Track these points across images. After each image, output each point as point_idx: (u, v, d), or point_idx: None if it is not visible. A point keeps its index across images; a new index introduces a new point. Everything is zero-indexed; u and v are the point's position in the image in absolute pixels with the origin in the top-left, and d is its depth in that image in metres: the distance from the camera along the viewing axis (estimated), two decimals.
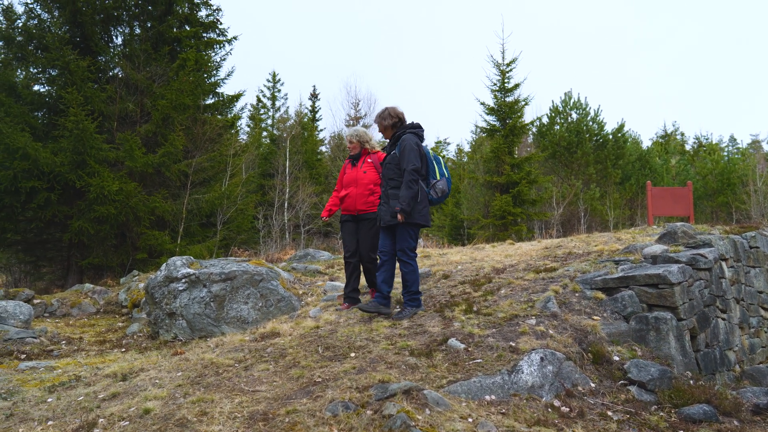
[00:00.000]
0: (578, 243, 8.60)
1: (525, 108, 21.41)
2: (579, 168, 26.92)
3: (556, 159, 27.16)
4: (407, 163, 5.30)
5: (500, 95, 21.18)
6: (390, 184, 5.45)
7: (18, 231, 12.72)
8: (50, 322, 8.10)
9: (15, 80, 12.46)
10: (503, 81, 21.11)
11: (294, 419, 3.53)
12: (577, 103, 28.47)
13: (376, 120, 5.70)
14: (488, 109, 21.34)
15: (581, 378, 4.42)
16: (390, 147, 5.60)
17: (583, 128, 27.70)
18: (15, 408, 4.25)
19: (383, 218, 5.44)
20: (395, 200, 5.33)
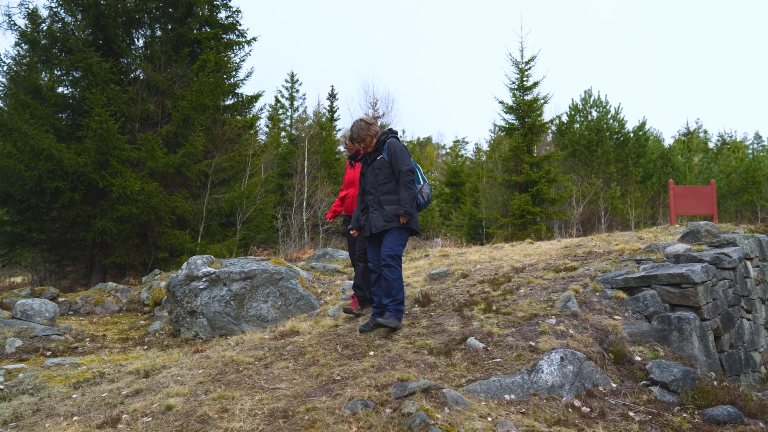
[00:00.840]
0: (599, 242, 8.51)
1: (544, 106, 21.28)
2: (599, 166, 26.62)
3: (575, 157, 26.90)
4: (402, 163, 5.13)
5: (519, 94, 21.04)
6: (381, 189, 5.19)
7: (43, 230, 12.98)
8: (74, 320, 8.25)
9: (40, 83, 12.71)
10: (522, 79, 20.96)
11: (314, 417, 3.55)
12: (597, 101, 28.16)
13: (359, 134, 5.29)
14: (507, 107, 21.21)
15: (602, 378, 4.37)
16: (372, 153, 5.35)
17: (603, 126, 27.39)
18: (42, 403, 4.34)
19: (375, 225, 5.14)
20: (390, 205, 5.11)
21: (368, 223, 5.26)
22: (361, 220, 5.43)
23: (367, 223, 5.28)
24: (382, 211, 5.13)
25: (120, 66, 13.47)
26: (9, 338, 6.42)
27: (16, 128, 11.16)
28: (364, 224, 5.36)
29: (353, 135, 5.30)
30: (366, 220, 5.32)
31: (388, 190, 5.18)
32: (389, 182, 5.18)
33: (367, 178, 5.32)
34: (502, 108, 21.31)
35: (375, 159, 5.29)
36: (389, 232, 5.13)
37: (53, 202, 11.93)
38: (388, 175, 5.19)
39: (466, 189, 33.43)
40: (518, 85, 21.02)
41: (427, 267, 8.45)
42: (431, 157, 50.83)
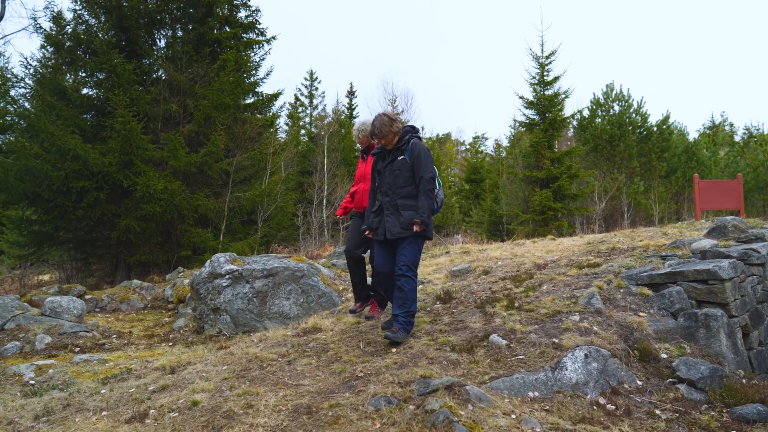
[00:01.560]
0: (622, 238, 8.40)
1: (565, 101, 21.03)
2: (622, 161, 26.26)
3: (597, 152, 26.57)
4: (425, 170, 4.84)
5: (539, 88, 20.84)
6: (399, 192, 4.90)
7: (70, 229, 13.23)
8: (101, 317, 8.40)
9: (65, 84, 12.95)
10: (542, 74, 20.76)
11: (337, 413, 3.57)
12: (619, 95, 27.76)
13: (382, 130, 4.95)
14: (527, 102, 21.03)
15: (627, 375, 4.32)
16: (392, 152, 5.02)
17: (625, 120, 27.00)
18: (71, 398, 4.44)
19: (391, 230, 4.86)
20: (407, 210, 4.84)
21: (382, 227, 4.97)
22: (374, 222, 5.08)
23: (381, 227, 4.98)
24: (399, 216, 4.86)
25: (143, 67, 13.66)
26: (39, 335, 6.56)
27: (43, 129, 11.39)
28: (377, 227, 5.04)
29: (375, 130, 4.97)
30: (379, 223, 5.01)
31: (406, 194, 4.90)
32: (408, 186, 4.90)
33: (384, 178, 5.00)
34: (523, 103, 21.15)
35: (395, 159, 4.96)
36: (406, 240, 4.86)
37: (79, 201, 12.16)
38: (408, 179, 4.90)
39: (486, 185, 33.24)
40: (538, 80, 20.82)
41: (448, 264, 8.43)
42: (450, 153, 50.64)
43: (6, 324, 6.90)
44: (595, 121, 27.73)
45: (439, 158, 41.96)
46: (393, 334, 4.77)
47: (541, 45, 20.79)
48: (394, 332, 4.78)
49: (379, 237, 5.00)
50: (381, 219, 4.99)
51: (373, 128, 5.01)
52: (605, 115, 27.75)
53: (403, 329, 4.83)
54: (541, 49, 20.79)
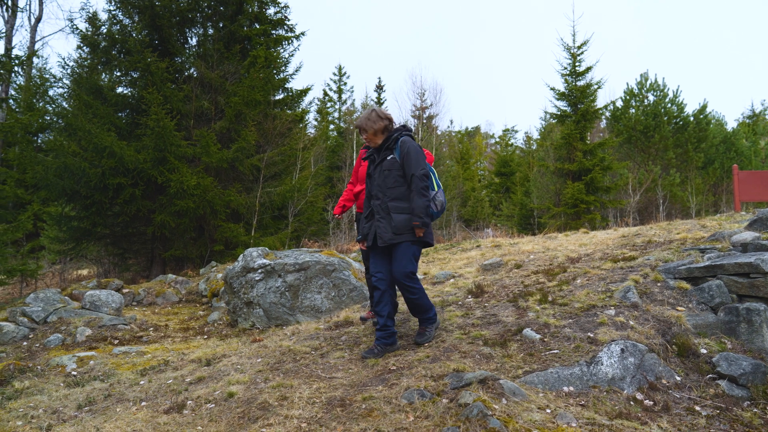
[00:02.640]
0: (658, 231, 8.21)
1: (597, 92, 20.64)
2: (657, 153, 25.65)
3: (631, 144, 26.01)
4: (416, 167, 4.47)
5: (571, 79, 20.48)
6: (390, 194, 4.53)
7: (107, 225, 13.58)
8: (138, 310, 8.60)
9: (100, 83, 13.26)
10: (574, 65, 20.39)
11: (371, 405, 3.59)
12: (654, 84, 27.09)
13: (363, 124, 4.64)
14: (558, 94, 20.69)
15: (665, 371, 4.23)
16: (381, 152, 4.68)
17: (660, 111, 26.34)
18: (112, 389, 4.56)
19: (382, 236, 4.49)
20: (399, 214, 4.48)
21: (372, 233, 4.60)
22: (365, 228, 4.69)
23: (371, 232, 4.61)
24: (390, 220, 4.49)
25: (175, 65, 13.89)
26: (80, 327, 6.76)
27: (80, 128, 11.69)
28: (367, 233, 4.66)
29: (357, 122, 4.68)
30: (370, 229, 4.63)
31: (397, 196, 4.53)
32: (399, 186, 4.54)
33: (374, 180, 4.64)
34: (554, 95, 20.81)
35: (384, 159, 4.61)
36: (399, 246, 4.48)
37: (115, 197, 12.46)
38: (398, 178, 4.54)
39: (516, 178, 32.89)
40: (570, 71, 20.46)
41: (479, 258, 8.37)
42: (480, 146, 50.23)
43: (49, 317, 7.13)
44: (629, 112, 27.14)
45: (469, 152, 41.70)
46: (420, 337, 4.66)
47: (573, 35, 20.41)
48: (421, 334, 4.68)
49: (369, 243, 4.61)
50: (372, 224, 4.61)
51: (357, 121, 4.73)
52: (639, 106, 27.13)
53: (428, 324, 4.74)
54: (573, 39, 20.43)
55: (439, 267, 8.33)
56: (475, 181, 38.54)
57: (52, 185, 11.96)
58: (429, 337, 4.68)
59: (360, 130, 4.67)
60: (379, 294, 4.61)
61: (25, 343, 6.46)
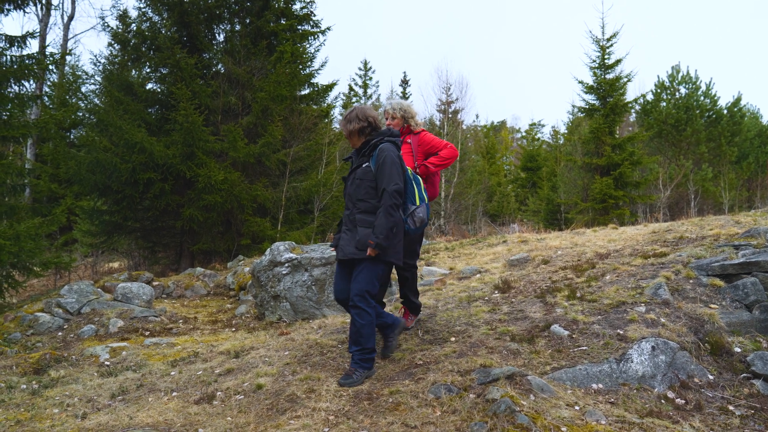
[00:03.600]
0: (690, 227, 8.04)
1: (627, 85, 20.23)
2: (688, 147, 25.08)
3: (662, 138, 25.47)
4: (388, 181, 4.01)
5: (600, 72, 20.11)
6: (359, 206, 4.12)
7: (137, 219, 13.85)
8: (168, 303, 8.76)
9: (131, 80, 13.50)
10: (603, 57, 20.02)
11: (397, 399, 3.60)
12: (685, 77, 26.47)
13: (341, 123, 4.32)
14: (587, 87, 20.35)
15: (697, 369, 4.15)
16: (358, 157, 4.26)
17: (692, 104, 25.74)
18: (144, 379, 4.66)
19: (344, 249, 4.13)
20: (365, 228, 4.05)
21: (338, 245, 4.24)
22: (335, 239, 4.33)
23: (339, 245, 4.22)
24: (355, 233, 4.10)
25: (203, 61, 14.06)
26: (112, 319, 6.92)
27: (111, 123, 11.92)
28: (336, 245, 4.29)
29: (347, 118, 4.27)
30: (338, 240, 4.26)
31: (367, 209, 4.10)
32: (370, 199, 4.10)
33: (346, 188, 4.26)
34: (582, 88, 20.47)
35: (359, 166, 4.17)
36: (361, 264, 4.08)
37: (146, 192, 12.69)
38: (370, 190, 4.10)
39: (542, 173, 32.51)
40: (599, 64, 20.09)
41: (506, 253, 8.31)
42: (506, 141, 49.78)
43: (82, 308, 7.31)
44: (660, 105, 26.58)
45: (494, 146, 41.36)
46: (345, 379, 3.98)
47: (602, 27, 20.04)
48: (348, 375, 4.00)
49: (337, 255, 4.27)
50: (340, 236, 4.26)
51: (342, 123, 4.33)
52: (670, 99, 26.56)
53: (360, 367, 4.06)
54: (602, 32, 20.05)
55: (465, 262, 8.29)
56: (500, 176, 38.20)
57: (84, 180, 12.24)
58: (355, 381, 3.96)
59: (349, 131, 4.25)
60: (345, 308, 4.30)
61: (60, 334, 6.64)
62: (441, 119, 27.61)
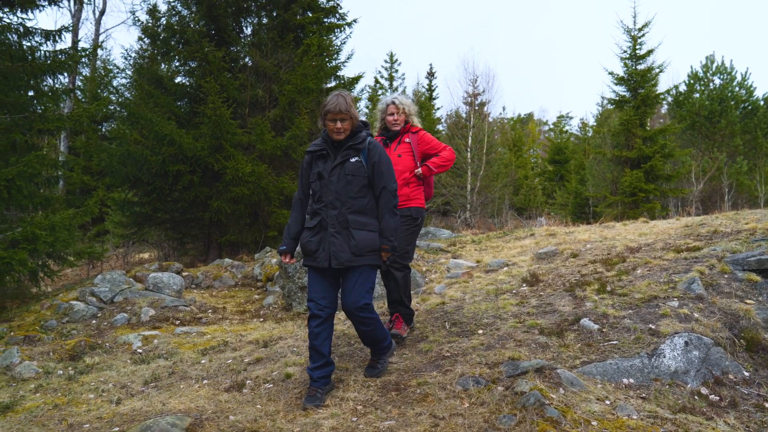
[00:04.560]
0: (725, 221, 7.84)
1: (659, 76, 19.75)
2: (722, 139, 24.44)
3: (695, 130, 24.87)
4: (388, 179, 3.81)
5: (631, 63, 19.71)
6: (352, 205, 3.74)
7: (167, 210, 14.08)
8: (197, 293, 8.91)
9: (161, 73, 13.69)
10: (634, 48, 19.60)
11: (425, 391, 3.61)
12: (720, 67, 25.76)
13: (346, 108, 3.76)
14: (617, 78, 19.96)
15: (732, 366, 4.06)
16: (341, 150, 3.82)
17: (727, 95, 25.05)
18: (175, 367, 4.75)
19: (338, 256, 3.68)
20: (360, 230, 3.72)
21: (324, 251, 3.73)
22: (311, 243, 3.77)
23: (323, 250, 3.73)
24: (350, 238, 3.70)
25: (231, 54, 14.18)
26: (144, 308, 7.06)
27: (142, 116, 12.12)
28: (316, 249, 3.76)
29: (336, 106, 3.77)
30: (320, 244, 3.75)
31: (360, 209, 3.76)
32: (363, 197, 3.78)
33: (330, 185, 3.75)
34: (612, 79, 20.09)
35: (347, 160, 3.79)
36: (356, 270, 3.73)
37: (175, 184, 12.88)
38: (363, 189, 3.78)
39: (570, 166, 32.06)
40: (630, 54, 19.69)
41: (534, 246, 8.23)
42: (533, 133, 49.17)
43: (115, 297, 7.47)
44: (693, 97, 25.93)
45: (521, 139, 40.90)
46: (371, 371, 3.98)
47: (634, 16, 19.72)
48: (373, 366, 4.01)
49: (321, 263, 3.73)
50: (322, 239, 3.75)
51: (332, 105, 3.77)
52: (704, 90, 25.89)
53: (382, 354, 4.04)
54: (634, 21, 19.66)
55: (492, 255, 8.24)
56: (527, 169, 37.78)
57: (116, 172, 12.49)
58: (381, 369, 4.01)
59: (336, 115, 3.74)
60: (318, 323, 3.76)
61: (93, 322, 6.81)
62: (467, 112, 27.40)
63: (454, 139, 26.35)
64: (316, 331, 3.74)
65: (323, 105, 3.80)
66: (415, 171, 4.74)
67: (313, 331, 3.74)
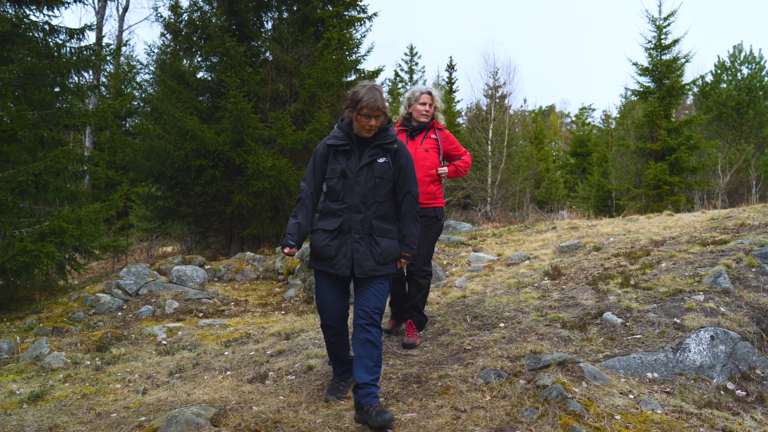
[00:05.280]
0: (752, 213, 7.68)
1: (685, 66, 19.37)
2: (750, 130, 23.88)
3: (721, 121, 24.34)
4: (413, 183, 3.54)
5: (655, 53, 19.34)
6: (376, 210, 3.43)
7: (189, 204, 14.25)
8: (219, 286, 9.02)
9: (183, 69, 13.83)
10: (659, 37, 19.22)
11: (446, 383, 3.61)
12: (748, 56, 25.14)
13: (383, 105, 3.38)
14: (641, 69, 19.60)
15: (760, 361, 3.99)
16: (367, 148, 3.46)
17: (755, 85, 24.44)
18: (199, 358, 4.82)
19: (363, 265, 3.37)
20: (384, 237, 3.43)
21: (346, 258, 3.39)
22: (329, 248, 3.41)
23: (344, 257, 3.39)
24: (375, 245, 3.40)
25: (252, 49, 14.26)
26: (168, 300, 7.18)
27: (165, 112, 12.27)
28: (335, 255, 3.40)
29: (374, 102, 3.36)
30: (338, 250, 3.40)
31: (383, 214, 3.46)
32: (388, 201, 3.47)
33: (357, 184, 3.40)
34: (636, 70, 19.73)
35: (374, 160, 3.45)
36: (377, 279, 3.42)
37: (197, 178, 13.03)
38: (389, 193, 3.48)
39: (593, 159, 31.62)
40: (655, 44, 19.31)
41: (555, 239, 8.16)
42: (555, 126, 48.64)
43: (140, 289, 7.61)
44: (720, 87, 25.37)
45: (543, 131, 40.48)
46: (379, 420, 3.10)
47: (659, 5, 19.22)
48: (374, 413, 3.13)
49: (341, 271, 3.40)
50: (342, 243, 3.40)
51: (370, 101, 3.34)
52: (732, 80, 25.31)
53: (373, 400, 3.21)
54: (659, 10, 19.24)
55: (513, 248, 8.18)
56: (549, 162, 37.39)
57: (139, 167, 12.67)
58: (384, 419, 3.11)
59: (373, 111, 3.35)
60: (333, 333, 3.58)
61: (119, 313, 6.94)
62: (488, 104, 27.20)
63: (474, 132, 26.18)
64: (333, 341, 3.62)
65: (356, 97, 3.36)
66: (439, 169, 4.55)
67: (330, 340, 3.62)
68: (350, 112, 3.45)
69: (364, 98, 3.32)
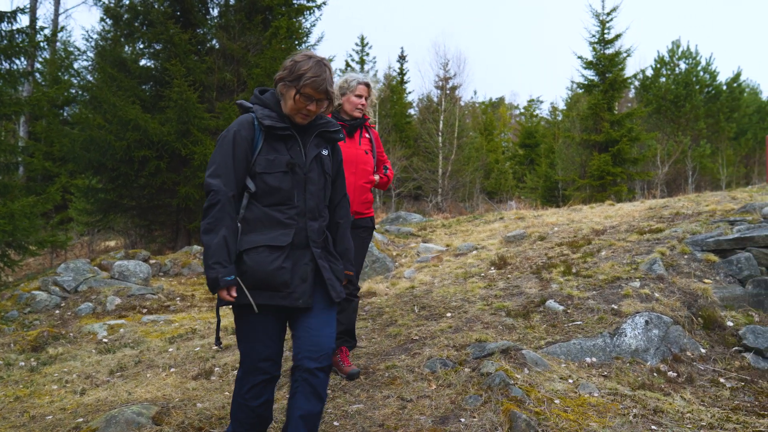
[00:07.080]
0: (687, 203, 8.05)
1: (627, 60, 20.07)
2: (687, 123, 25.01)
3: (661, 114, 25.39)
4: (345, 187, 2.79)
5: (599, 47, 19.95)
6: (325, 215, 2.62)
7: (133, 197, 13.79)
8: (165, 281, 8.78)
9: (124, 56, 13.32)
10: (603, 32, 19.83)
11: (393, 374, 3.64)
12: (686, 52, 26.28)
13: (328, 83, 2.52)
14: (586, 62, 20.20)
15: (690, 343, 4.19)
16: (311, 136, 2.58)
17: (692, 79, 25.60)
18: (142, 356, 4.69)
19: (336, 287, 2.53)
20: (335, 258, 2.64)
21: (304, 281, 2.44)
22: (283, 271, 2.38)
23: (303, 281, 2.44)
24: (335, 262, 2.61)
25: (197, 36, 13.86)
26: (109, 296, 6.94)
27: (105, 100, 11.79)
28: (289, 280, 2.39)
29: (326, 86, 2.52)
30: (293, 273, 2.42)
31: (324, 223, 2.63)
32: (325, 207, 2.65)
33: (311, 184, 2.51)
34: (581, 63, 20.34)
35: (319, 152, 2.60)
36: (331, 306, 2.54)
37: (141, 170, 12.61)
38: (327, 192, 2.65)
39: (540, 150, 32.43)
40: (598, 39, 19.92)
41: (502, 229, 8.33)
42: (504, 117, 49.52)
43: (79, 286, 7.32)
44: (659, 81, 26.45)
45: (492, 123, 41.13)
46: None
47: (602, 0, 19.81)
48: None
49: (299, 301, 2.42)
50: (298, 262, 2.45)
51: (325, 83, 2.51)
52: (670, 74, 26.41)
53: None
54: (602, 5, 19.84)
55: (462, 239, 8.31)
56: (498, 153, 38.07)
57: (78, 158, 12.15)
58: None
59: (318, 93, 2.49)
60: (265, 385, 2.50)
61: (57, 312, 6.67)
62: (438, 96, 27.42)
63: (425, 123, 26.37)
64: (266, 397, 2.53)
65: (298, 70, 2.50)
66: (375, 176, 3.85)
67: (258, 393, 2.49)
68: (284, 87, 2.52)
69: (308, 73, 2.48)
